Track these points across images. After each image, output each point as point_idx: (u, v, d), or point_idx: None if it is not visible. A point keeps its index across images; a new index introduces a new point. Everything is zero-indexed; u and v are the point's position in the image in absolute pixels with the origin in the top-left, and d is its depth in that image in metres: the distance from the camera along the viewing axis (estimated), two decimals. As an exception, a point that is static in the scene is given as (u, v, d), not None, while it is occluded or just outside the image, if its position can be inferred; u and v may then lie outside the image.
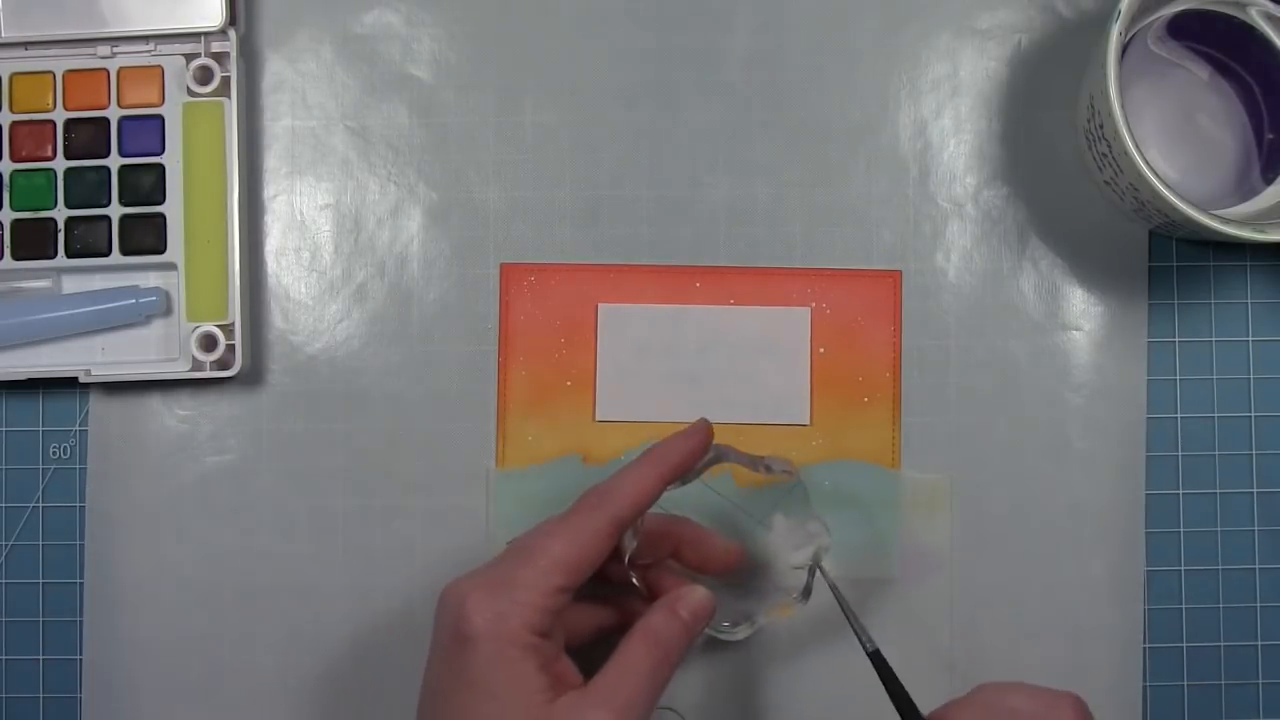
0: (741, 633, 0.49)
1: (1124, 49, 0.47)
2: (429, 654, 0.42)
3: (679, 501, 0.48)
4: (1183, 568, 0.52)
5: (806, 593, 0.48)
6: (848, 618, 0.46)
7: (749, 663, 0.51)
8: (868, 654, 0.45)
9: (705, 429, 0.45)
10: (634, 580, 0.45)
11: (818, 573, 0.47)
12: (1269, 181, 0.50)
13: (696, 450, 0.45)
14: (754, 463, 0.48)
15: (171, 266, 0.51)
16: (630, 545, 0.45)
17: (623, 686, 0.40)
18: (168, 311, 0.52)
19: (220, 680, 0.52)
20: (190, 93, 0.51)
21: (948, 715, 0.41)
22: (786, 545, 0.48)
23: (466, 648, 0.39)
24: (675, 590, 0.44)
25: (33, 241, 0.51)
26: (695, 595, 0.43)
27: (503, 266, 0.52)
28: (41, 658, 0.52)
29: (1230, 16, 0.50)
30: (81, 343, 0.52)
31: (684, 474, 0.45)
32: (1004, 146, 0.53)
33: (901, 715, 0.43)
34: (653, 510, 0.45)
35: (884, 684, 0.44)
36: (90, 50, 0.52)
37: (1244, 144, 0.50)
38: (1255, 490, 0.52)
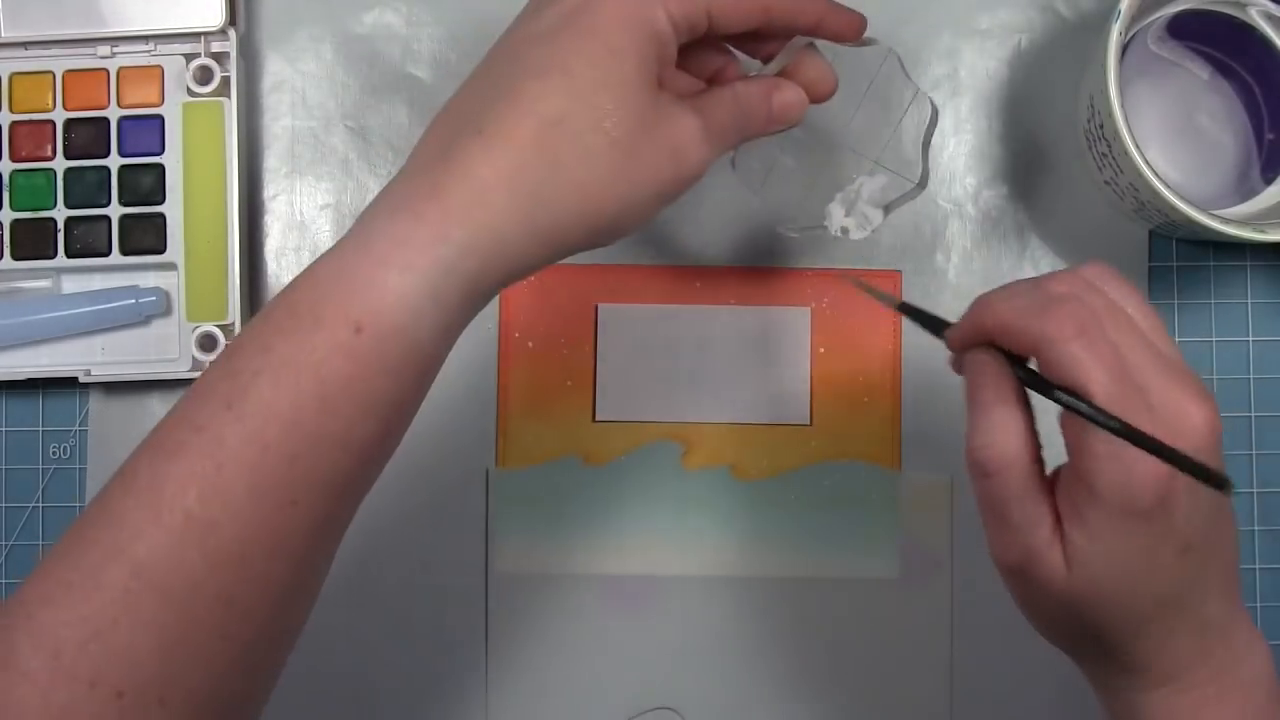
0: (869, 225, 0.47)
1: (1124, 49, 0.47)
2: (524, 11, 0.39)
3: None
4: (1183, 568, 0.52)
5: (923, 180, 0.47)
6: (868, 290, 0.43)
7: (749, 660, 0.51)
8: (896, 308, 0.42)
9: (861, 19, 0.42)
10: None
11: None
12: (1269, 181, 0.50)
13: (853, 23, 0.42)
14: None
15: (171, 266, 0.51)
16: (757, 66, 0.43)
17: (715, 113, 0.39)
18: (168, 311, 0.52)
19: (220, 680, 0.52)
20: (190, 93, 0.51)
21: (989, 300, 0.37)
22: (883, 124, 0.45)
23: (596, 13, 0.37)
24: (776, 80, 0.42)
25: (33, 241, 0.51)
26: (790, 92, 0.42)
27: (503, 266, 0.52)
28: (41, 658, 0.52)
29: (1230, 16, 0.50)
30: (81, 343, 0.52)
31: (834, 37, 0.42)
32: (1004, 146, 0.53)
33: (934, 331, 0.39)
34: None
35: (917, 318, 0.40)
36: (90, 50, 0.52)
37: (1244, 144, 0.50)
38: (1255, 490, 0.52)
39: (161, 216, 0.51)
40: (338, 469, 0.34)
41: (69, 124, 0.52)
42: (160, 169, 0.51)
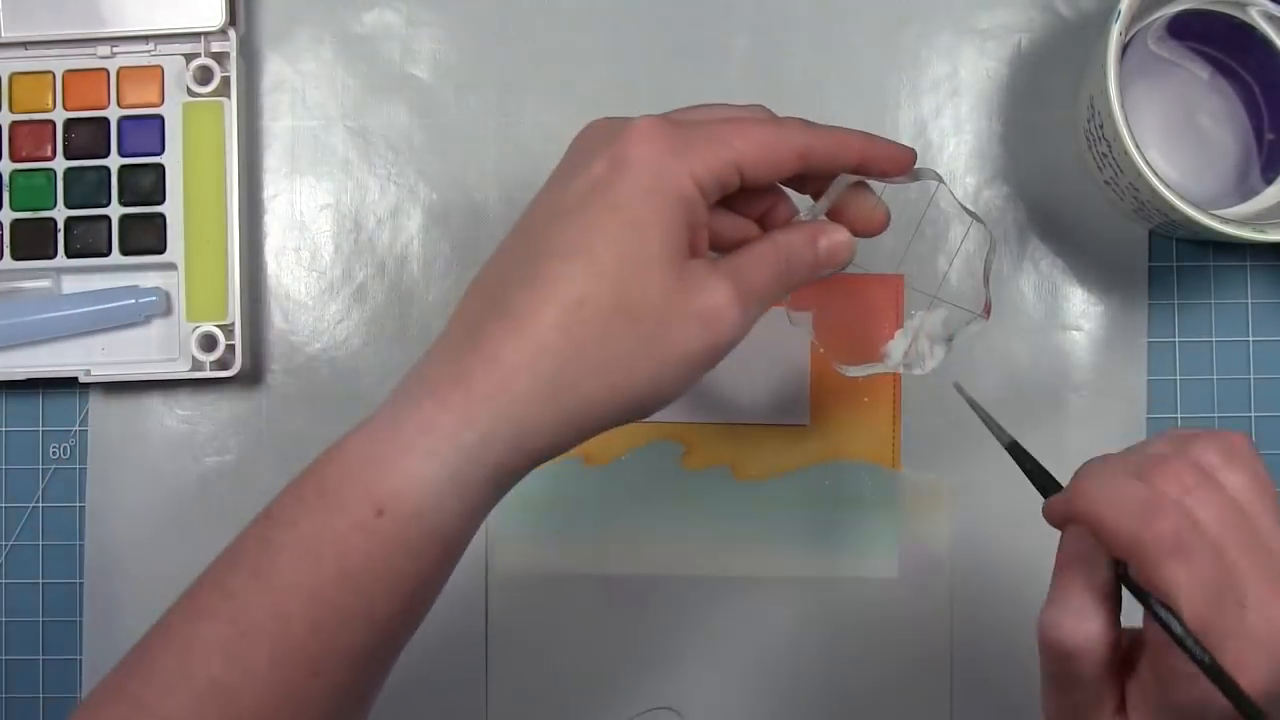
0: (931, 360, 0.45)
1: (1124, 49, 0.47)
2: (552, 180, 0.38)
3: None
4: (1183, 568, 0.52)
5: (986, 309, 0.44)
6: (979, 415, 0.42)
7: (749, 660, 0.52)
8: (1004, 446, 0.40)
9: (909, 153, 0.41)
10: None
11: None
12: (1269, 181, 0.50)
13: (899, 159, 0.41)
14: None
15: (171, 266, 0.51)
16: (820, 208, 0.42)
17: (750, 274, 0.38)
18: (168, 311, 0.52)
19: (220, 680, 0.52)
20: (190, 93, 0.51)
21: (1090, 489, 0.35)
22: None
23: (621, 170, 0.36)
24: (821, 225, 0.41)
25: (33, 241, 0.51)
26: (837, 234, 0.40)
27: (503, 266, 0.52)
28: (41, 658, 0.52)
29: (1230, 16, 0.50)
30: (81, 343, 0.52)
31: (880, 174, 0.41)
32: (1004, 146, 0.53)
33: (1043, 492, 0.38)
34: None
35: (1023, 469, 0.39)
36: (90, 50, 0.52)
37: (1244, 144, 0.50)
38: (1255, 490, 0.52)
39: (161, 216, 0.51)
40: (360, 642, 0.35)
41: (69, 124, 0.52)
42: (160, 169, 0.51)
